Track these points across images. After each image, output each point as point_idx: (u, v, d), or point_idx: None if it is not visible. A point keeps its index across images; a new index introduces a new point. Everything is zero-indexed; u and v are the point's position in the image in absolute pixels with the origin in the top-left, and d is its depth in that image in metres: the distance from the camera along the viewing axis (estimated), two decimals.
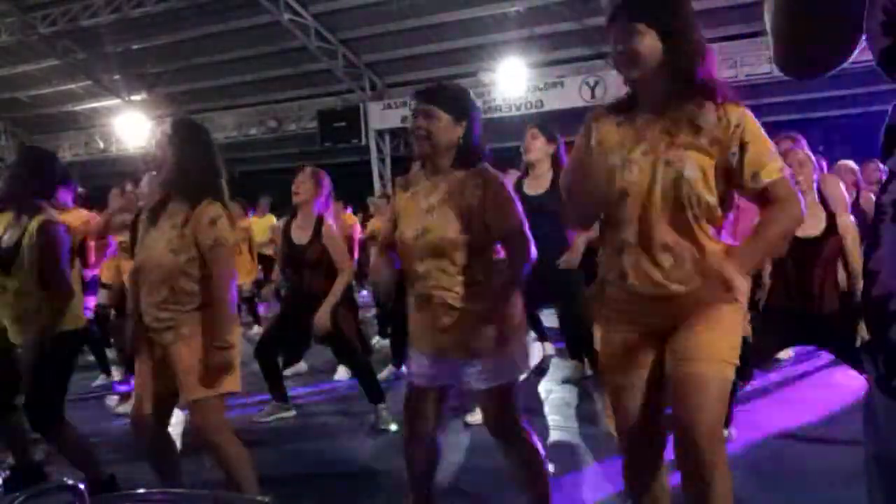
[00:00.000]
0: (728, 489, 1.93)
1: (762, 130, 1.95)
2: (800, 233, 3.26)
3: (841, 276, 3.41)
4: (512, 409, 2.48)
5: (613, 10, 2.01)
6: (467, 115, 2.43)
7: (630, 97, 2.09)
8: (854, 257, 3.29)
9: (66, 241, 3.21)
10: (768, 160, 1.92)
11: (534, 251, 2.41)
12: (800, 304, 3.31)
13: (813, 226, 3.26)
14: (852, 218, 3.49)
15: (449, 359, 2.44)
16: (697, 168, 1.91)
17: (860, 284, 3.25)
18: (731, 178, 1.95)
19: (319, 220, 4.27)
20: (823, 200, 3.36)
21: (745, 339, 2.26)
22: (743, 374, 2.48)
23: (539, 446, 2.54)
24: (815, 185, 3.37)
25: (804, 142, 3.89)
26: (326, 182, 4.37)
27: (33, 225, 3.12)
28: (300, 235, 4.29)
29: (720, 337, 1.97)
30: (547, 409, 4.53)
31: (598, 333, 2.30)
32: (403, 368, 4.56)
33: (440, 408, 2.57)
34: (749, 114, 1.95)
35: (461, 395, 3.70)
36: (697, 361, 1.94)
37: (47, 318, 3.10)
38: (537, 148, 4.03)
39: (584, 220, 2.41)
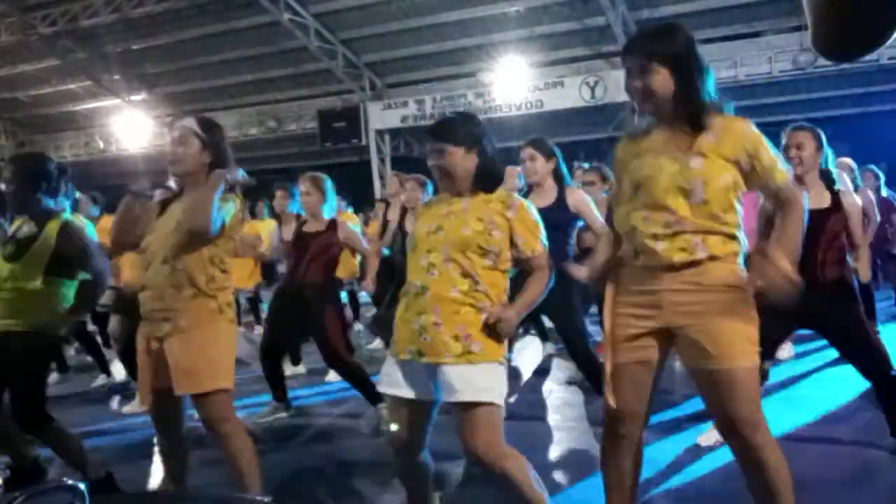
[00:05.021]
0: (780, 461, 2.15)
1: (763, 137, 2.16)
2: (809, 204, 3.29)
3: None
4: (493, 437, 2.34)
5: (629, 43, 2.24)
6: (478, 141, 2.48)
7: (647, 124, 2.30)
8: (856, 233, 3.41)
9: (89, 233, 3.29)
10: (773, 165, 2.15)
11: (553, 278, 2.50)
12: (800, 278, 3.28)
13: (819, 200, 3.30)
14: (857, 199, 3.51)
15: (424, 364, 2.37)
16: (702, 163, 2.12)
17: (862, 255, 3.28)
18: (745, 179, 2.16)
19: (332, 221, 4.41)
20: (830, 186, 3.38)
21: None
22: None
23: (526, 470, 2.39)
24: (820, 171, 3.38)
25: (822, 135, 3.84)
26: (329, 185, 4.45)
27: (52, 227, 3.16)
28: (313, 227, 4.38)
29: (737, 327, 2.12)
30: (548, 409, 4.53)
31: (607, 312, 2.33)
32: None
33: (422, 424, 2.48)
34: (750, 125, 2.17)
35: None
36: (724, 358, 2.09)
37: (42, 313, 3.13)
38: (537, 168, 3.91)
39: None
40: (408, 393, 2.41)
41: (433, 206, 2.57)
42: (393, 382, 2.44)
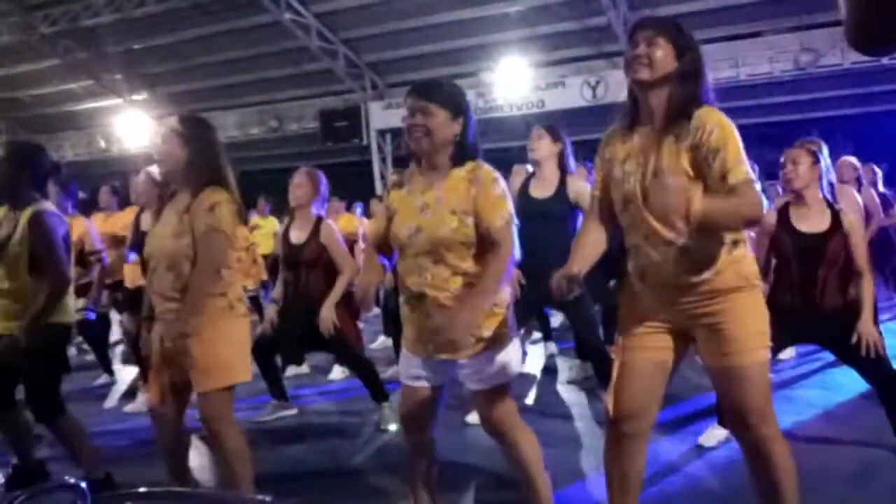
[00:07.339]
0: (787, 456, 2.21)
1: (735, 135, 2.07)
2: (805, 228, 3.26)
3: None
4: (507, 409, 2.47)
5: (638, 22, 2.21)
6: (464, 111, 2.43)
7: (632, 111, 2.25)
8: (858, 254, 3.25)
9: (60, 229, 3.19)
10: (735, 165, 2.03)
11: (516, 254, 2.40)
12: (801, 301, 3.30)
13: (818, 222, 3.27)
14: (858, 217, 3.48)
15: (441, 360, 2.44)
16: (680, 175, 2.08)
17: (866, 280, 3.24)
18: (706, 179, 2.09)
19: (318, 220, 4.26)
20: (831, 205, 3.34)
21: None
22: None
23: (537, 447, 2.53)
24: (821, 186, 3.34)
25: (825, 148, 3.79)
26: (323, 182, 4.36)
27: (24, 215, 3.13)
28: (298, 235, 4.28)
29: (749, 325, 2.15)
30: (549, 408, 4.53)
31: (620, 315, 2.35)
32: None
33: (435, 406, 2.58)
34: (724, 119, 2.08)
35: (460, 395, 3.70)
36: (735, 354, 2.14)
37: (35, 310, 3.10)
38: (542, 147, 3.98)
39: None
40: (428, 383, 2.51)
41: (405, 198, 2.47)
42: (412, 376, 2.52)
